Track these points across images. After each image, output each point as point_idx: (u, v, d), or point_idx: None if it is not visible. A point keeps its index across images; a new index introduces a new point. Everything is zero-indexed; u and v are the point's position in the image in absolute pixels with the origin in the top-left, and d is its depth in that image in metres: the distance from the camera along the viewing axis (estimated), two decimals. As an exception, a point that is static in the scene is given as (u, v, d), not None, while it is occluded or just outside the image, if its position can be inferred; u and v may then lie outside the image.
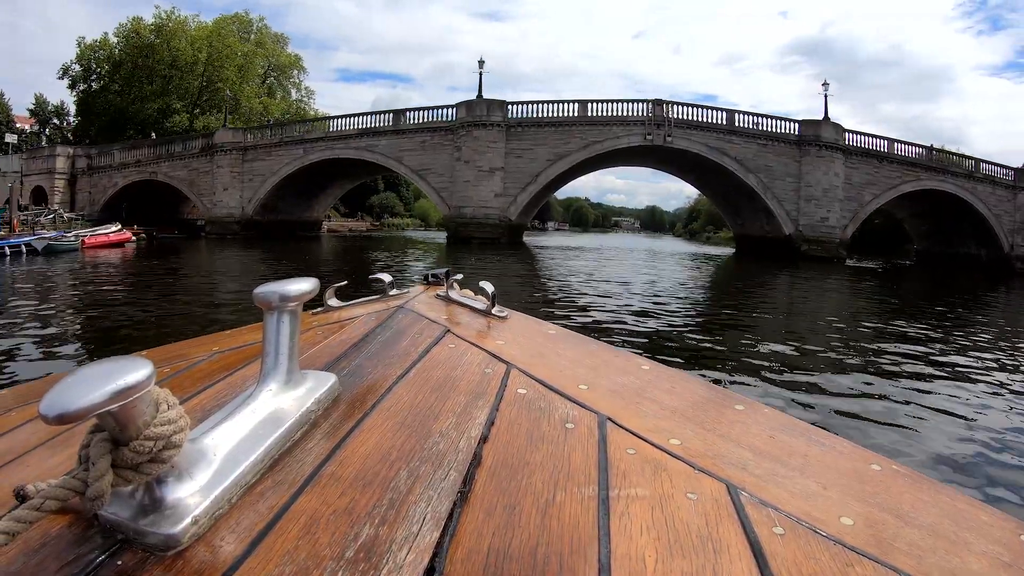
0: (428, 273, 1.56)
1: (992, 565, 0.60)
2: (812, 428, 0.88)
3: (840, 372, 6.75)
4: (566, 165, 32.18)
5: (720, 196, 39.42)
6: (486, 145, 32.00)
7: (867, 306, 15.04)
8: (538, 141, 32.40)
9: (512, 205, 32.24)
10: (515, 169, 32.27)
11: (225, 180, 37.94)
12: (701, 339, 8.90)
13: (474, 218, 31.99)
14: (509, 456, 0.71)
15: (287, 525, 0.56)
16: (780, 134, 33.49)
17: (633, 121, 32.33)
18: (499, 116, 32.30)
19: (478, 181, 32.00)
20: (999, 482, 3.87)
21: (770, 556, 0.57)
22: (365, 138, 35.30)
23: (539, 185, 32.19)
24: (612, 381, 0.99)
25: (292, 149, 37.02)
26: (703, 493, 0.66)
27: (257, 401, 0.71)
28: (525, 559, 0.53)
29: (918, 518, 0.67)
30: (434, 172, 33.63)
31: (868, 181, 35.11)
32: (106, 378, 0.47)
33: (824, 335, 9.37)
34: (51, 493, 0.49)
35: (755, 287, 19.28)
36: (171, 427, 0.53)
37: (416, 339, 1.09)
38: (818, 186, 33.19)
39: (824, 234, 33.24)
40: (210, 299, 12.00)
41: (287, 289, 0.77)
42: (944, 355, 8.16)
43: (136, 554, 0.52)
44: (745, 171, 32.64)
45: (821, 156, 33.27)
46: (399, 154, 34.43)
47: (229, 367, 1.02)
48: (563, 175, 34.41)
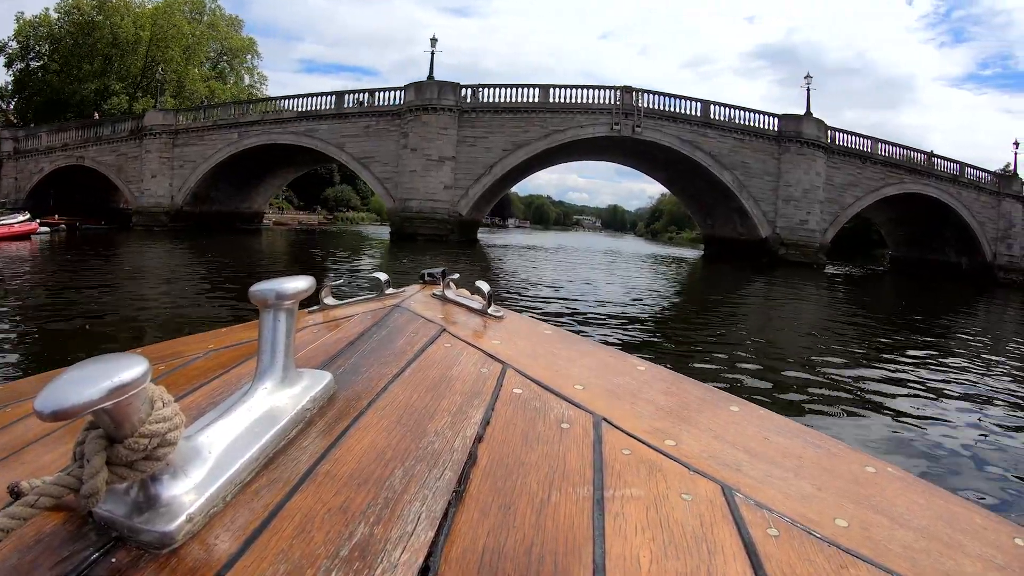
0: (424, 272, 1.48)
1: (986, 568, 0.59)
2: (807, 430, 0.85)
3: (834, 399, 5.73)
4: (524, 155, 28.08)
5: (690, 195, 35.63)
6: (436, 132, 27.79)
7: (859, 320, 13.10)
8: (494, 128, 28.27)
9: (463, 199, 28.06)
10: (467, 159, 28.10)
11: (153, 166, 33.27)
12: (675, 363, 6.49)
13: (420, 212, 27.77)
14: (504, 456, 0.69)
15: (282, 523, 0.55)
16: (759, 129, 29.85)
17: (599, 109, 28.38)
18: (451, 100, 28.11)
19: (426, 171, 27.76)
20: (995, 486, 3.83)
21: (764, 557, 0.56)
22: (305, 122, 30.90)
23: (494, 177, 28.07)
24: (608, 381, 0.96)
25: (226, 133, 32.50)
26: (698, 494, 0.65)
27: (252, 399, 0.69)
28: (520, 559, 0.52)
29: (912, 520, 0.65)
30: (378, 161, 29.32)
31: (850, 182, 31.71)
32: (101, 375, 0.46)
33: (814, 355, 7.91)
34: (45, 490, 0.48)
35: (731, 297, 15.94)
36: (166, 424, 0.52)
37: (412, 338, 1.06)
38: (798, 186, 29.61)
39: (803, 238, 29.68)
40: (93, 312, 8.24)
41: (283, 287, 0.75)
42: (953, 375, 7.18)
43: (130, 552, 0.51)
44: (720, 167, 28.89)
45: (802, 154, 29.70)
46: (341, 140, 30.08)
47: (224, 365, 0.98)
48: (521, 168, 30.29)
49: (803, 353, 7.99)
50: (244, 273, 14.33)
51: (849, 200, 31.77)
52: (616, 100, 28.32)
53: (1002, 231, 34.71)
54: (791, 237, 29.57)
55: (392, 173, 28.83)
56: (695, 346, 8.15)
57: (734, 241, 32.22)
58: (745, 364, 6.86)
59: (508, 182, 33.08)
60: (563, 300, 11.96)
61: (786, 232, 29.61)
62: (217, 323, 5.35)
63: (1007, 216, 34.87)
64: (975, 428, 5.02)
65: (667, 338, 8.87)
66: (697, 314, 12.37)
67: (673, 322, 10.80)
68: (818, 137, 30.11)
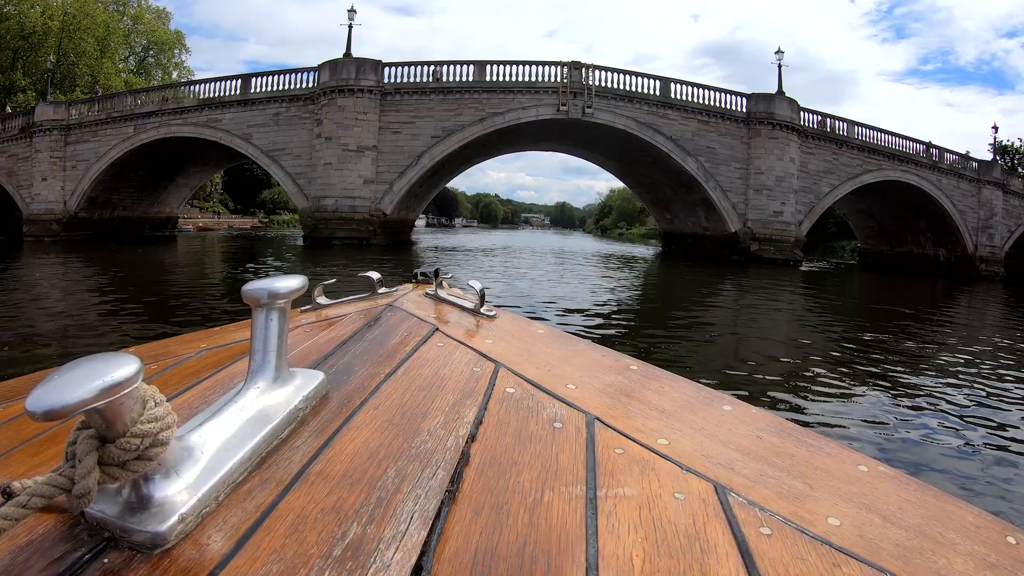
0: (417, 271, 1.45)
1: (978, 566, 0.58)
2: (799, 429, 0.83)
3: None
4: (457, 143, 23.19)
5: (647, 187, 31.00)
6: (354, 117, 22.73)
7: (855, 326, 10.75)
8: (421, 112, 23.31)
9: (387, 194, 23.03)
10: (391, 148, 23.10)
11: (44, 168, 27.60)
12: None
13: (337, 212, 22.68)
14: (497, 455, 0.67)
15: (274, 523, 0.53)
16: (726, 110, 25.43)
17: (544, 88, 23.62)
18: (372, 80, 23.07)
19: (342, 164, 22.68)
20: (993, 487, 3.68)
21: (757, 556, 0.55)
22: (207, 111, 25.56)
23: (421, 168, 23.08)
24: (600, 380, 0.94)
25: (122, 127, 27.00)
26: (691, 493, 0.64)
27: (245, 398, 0.67)
28: (513, 558, 0.51)
29: (904, 519, 0.64)
30: (289, 153, 24.14)
31: (826, 169, 27.53)
32: (93, 375, 0.45)
33: (817, 379, 6.09)
34: (37, 490, 0.46)
35: (701, 309, 11.75)
36: (158, 424, 0.50)
37: (404, 337, 1.02)
38: (770, 173, 25.25)
39: (777, 231, 25.34)
40: None
41: (276, 286, 0.72)
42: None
43: (123, 552, 0.49)
44: (683, 153, 24.36)
45: (774, 137, 25.35)
46: (247, 131, 24.82)
47: (217, 364, 0.95)
48: (458, 158, 25.36)
49: (803, 380, 6.10)
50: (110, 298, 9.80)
51: (825, 189, 27.58)
52: (563, 77, 23.61)
53: (983, 220, 31.12)
54: (764, 231, 25.19)
55: (305, 167, 23.67)
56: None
57: (698, 237, 27.80)
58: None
59: (443, 175, 28.14)
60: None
61: (758, 225, 25.21)
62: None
63: (987, 204, 31.24)
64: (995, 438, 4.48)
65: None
66: (667, 337, 8.46)
67: (640, 346, 7.68)
68: (791, 119, 25.81)
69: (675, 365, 5.71)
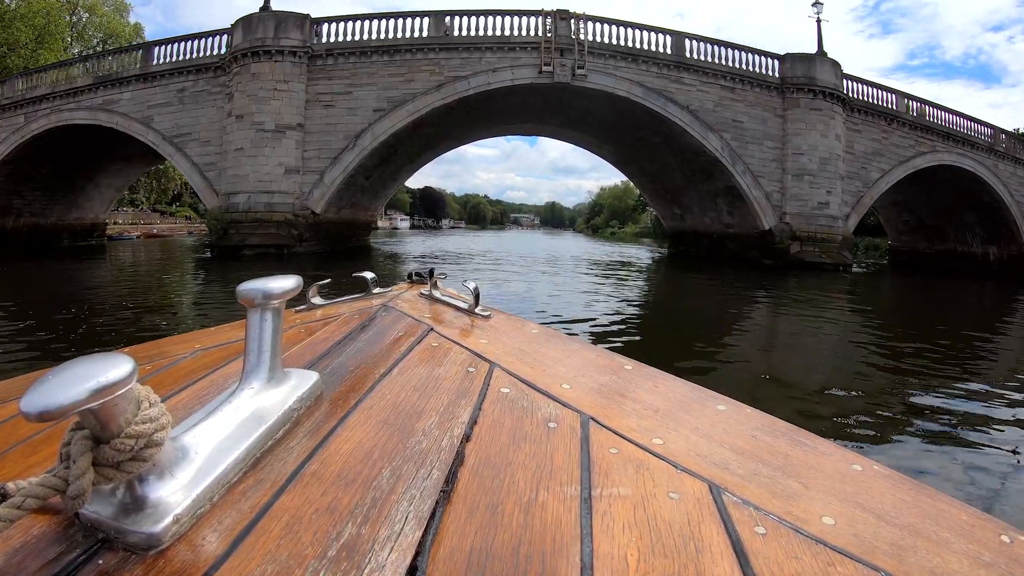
0: (412, 271, 1.37)
1: (972, 565, 0.55)
2: (794, 428, 0.79)
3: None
4: (407, 117, 16.69)
5: (652, 177, 24.19)
6: (272, 88, 16.27)
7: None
8: (360, 79, 16.82)
9: (316, 187, 16.53)
10: (322, 127, 16.62)
11: (-71, 167, 21.10)
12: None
13: (249, 211, 16.22)
14: (492, 455, 0.65)
15: (269, 524, 0.51)
16: (756, 74, 18.81)
17: (521, 43, 17.10)
18: (296, 39, 16.61)
19: (257, 148, 16.22)
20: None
21: (752, 555, 0.53)
22: (103, 90, 19.15)
23: (362, 152, 16.60)
24: (595, 380, 0.90)
25: (12, 116, 20.66)
26: (685, 492, 0.61)
27: (239, 399, 0.64)
28: (507, 558, 0.49)
29: (899, 518, 0.61)
30: (196, 138, 17.69)
31: (875, 151, 20.98)
32: (87, 375, 0.43)
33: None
34: (31, 491, 0.44)
35: (764, 344, 6.87)
36: (152, 425, 0.48)
37: (399, 337, 0.98)
38: (812, 154, 18.71)
39: (823, 228, 18.82)
40: None
41: (270, 286, 0.69)
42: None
43: (117, 553, 0.47)
44: (703, 128, 17.80)
45: (816, 109, 18.82)
46: (148, 113, 18.42)
47: (211, 365, 0.91)
48: (413, 142, 18.82)
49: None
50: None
51: (874, 174, 21.04)
52: (547, 30, 16.98)
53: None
54: (806, 227, 18.63)
55: (215, 156, 17.25)
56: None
57: (717, 236, 21.28)
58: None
59: (400, 165, 21.35)
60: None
61: (799, 220, 18.66)
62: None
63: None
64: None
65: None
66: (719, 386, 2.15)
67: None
68: (835, 86, 19.24)
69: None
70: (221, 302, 8.84)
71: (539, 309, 8.79)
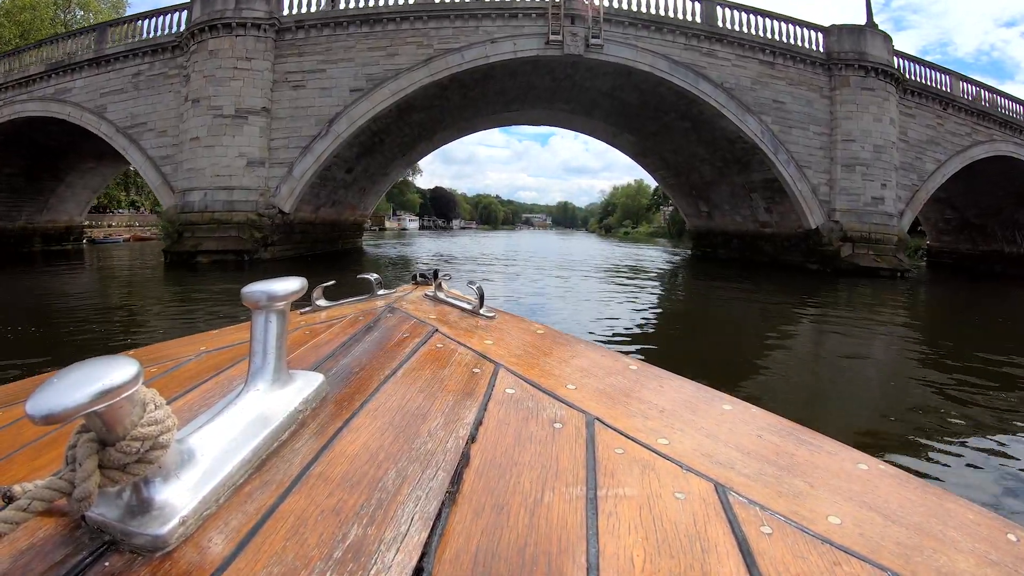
0: (416, 272, 1.33)
1: (979, 564, 0.54)
2: (799, 427, 0.77)
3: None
4: (390, 98, 13.85)
5: (676, 169, 21.06)
6: (232, 66, 13.53)
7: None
8: (335, 55, 14.00)
9: (284, 182, 13.72)
10: (291, 111, 13.80)
11: None
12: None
13: (206, 210, 13.42)
14: (497, 456, 0.63)
15: (275, 525, 0.50)
16: (798, 49, 15.65)
17: (525, 9, 14.14)
18: (261, 10, 13.89)
19: (215, 137, 13.45)
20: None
21: (758, 555, 0.51)
22: (55, 78, 16.63)
23: (337, 140, 13.75)
24: (600, 381, 0.88)
25: (-35, 109, 17.95)
26: (691, 492, 0.60)
27: (245, 401, 0.63)
28: (513, 559, 0.48)
29: (905, 517, 0.60)
30: (152, 128, 14.98)
31: (929, 138, 17.86)
32: (93, 378, 0.42)
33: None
34: (38, 494, 0.44)
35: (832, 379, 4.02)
36: (158, 427, 0.48)
37: (404, 338, 0.96)
38: (865, 141, 15.63)
39: (878, 227, 15.73)
40: None
41: (275, 288, 0.68)
42: None
43: (123, 555, 0.47)
44: (741, 109, 14.78)
45: (869, 88, 15.74)
46: (102, 102, 15.79)
47: (216, 367, 0.90)
48: (403, 129, 15.97)
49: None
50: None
51: (929, 166, 17.93)
52: (554, -5, 13.92)
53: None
54: (859, 226, 15.55)
55: (173, 148, 14.51)
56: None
57: (751, 236, 18.20)
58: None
59: (389, 156, 18.22)
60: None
61: (851, 218, 15.57)
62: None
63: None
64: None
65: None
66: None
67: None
68: (887, 62, 16.07)
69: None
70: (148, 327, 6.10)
71: (554, 320, 5.96)
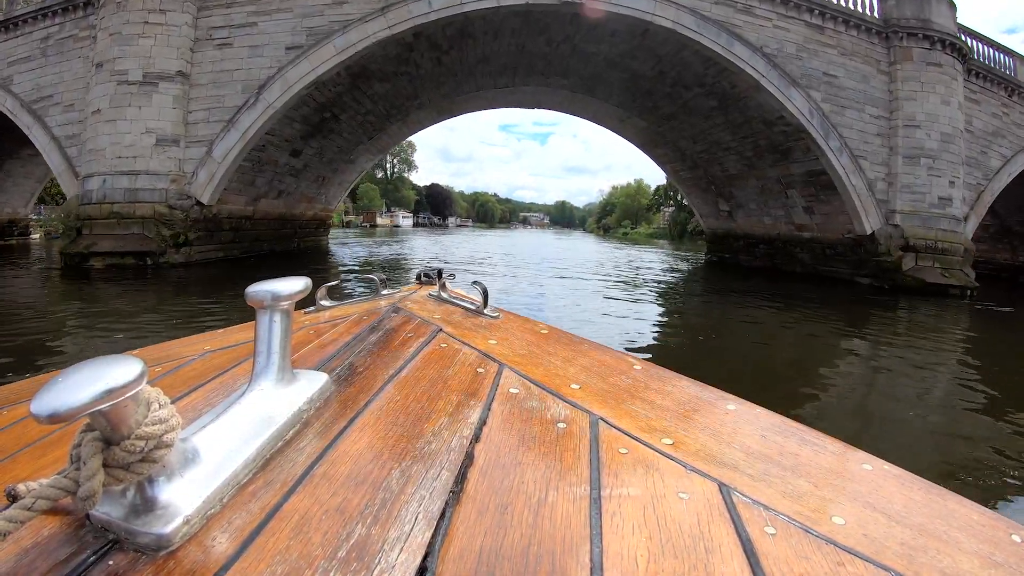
0: (420, 272, 1.29)
1: (983, 564, 0.53)
2: (804, 428, 0.76)
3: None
4: (335, 56, 10.69)
5: (695, 160, 17.63)
6: (142, 20, 10.34)
7: None
8: (269, 4, 10.90)
9: (202, 165, 10.54)
10: (214, 76, 10.66)
11: None
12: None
13: (104, 200, 10.14)
14: (501, 456, 0.62)
15: (279, 525, 0.49)
16: (851, 10, 12.39)
17: (511, -48, 10.72)
18: (184, -48, 10.48)
19: (117, 109, 10.34)
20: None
21: (762, 555, 0.51)
22: (-42, 44, 13.20)
23: (269, 109, 10.63)
24: (604, 381, 0.86)
25: None
26: (695, 493, 0.59)
27: (249, 400, 0.62)
28: (517, 559, 0.47)
29: (909, 517, 0.59)
30: (59, 103, 11.91)
31: (995, 130, 14.70)
32: (97, 377, 0.42)
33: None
34: (42, 493, 0.43)
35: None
36: (162, 426, 0.47)
37: (408, 338, 0.94)
38: (931, 128, 12.37)
39: (945, 235, 12.51)
40: None
41: (279, 288, 0.66)
42: None
43: (128, 554, 0.46)
44: (785, 81, 11.55)
45: (936, 64, 12.52)
46: (8, 72, 12.62)
47: (221, 366, 0.88)
48: (360, 103, 12.88)
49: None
50: None
51: (995, 162, 14.68)
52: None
53: None
54: (923, 232, 12.27)
55: (80, 125, 11.26)
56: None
57: (783, 242, 14.87)
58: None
59: (346, 137, 14.76)
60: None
61: (913, 222, 12.30)
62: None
63: None
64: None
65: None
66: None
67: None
68: (954, 34, 12.77)
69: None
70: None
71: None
